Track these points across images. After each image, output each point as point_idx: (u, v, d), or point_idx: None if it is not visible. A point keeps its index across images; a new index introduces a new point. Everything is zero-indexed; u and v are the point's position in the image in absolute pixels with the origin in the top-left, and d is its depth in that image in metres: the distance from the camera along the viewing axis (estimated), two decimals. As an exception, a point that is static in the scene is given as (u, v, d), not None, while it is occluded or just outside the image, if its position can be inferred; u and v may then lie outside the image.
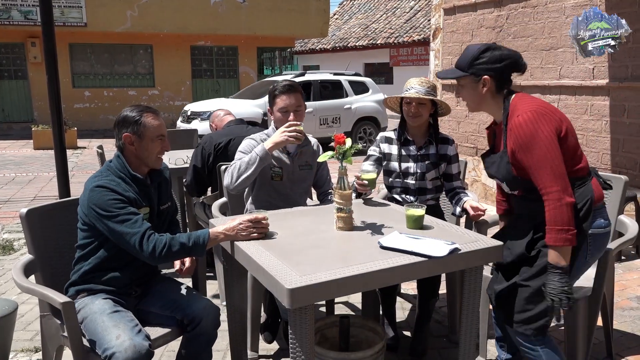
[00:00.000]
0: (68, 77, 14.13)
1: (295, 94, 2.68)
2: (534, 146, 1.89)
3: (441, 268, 1.93)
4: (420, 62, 18.83)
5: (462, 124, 6.33)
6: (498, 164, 2.10)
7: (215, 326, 2.19)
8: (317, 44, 23.80)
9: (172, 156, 4.14)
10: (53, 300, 1.95)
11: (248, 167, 2.52)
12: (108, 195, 2.02)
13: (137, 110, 2.15)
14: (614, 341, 2.88)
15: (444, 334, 3.04)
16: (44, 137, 10.70)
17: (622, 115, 4.55)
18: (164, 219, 2.32)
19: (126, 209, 2.02)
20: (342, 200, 2.14)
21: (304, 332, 1.66)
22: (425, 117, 2.79)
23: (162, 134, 2.17)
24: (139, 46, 14.99)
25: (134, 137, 2.13)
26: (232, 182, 2.56)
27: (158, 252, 1.99)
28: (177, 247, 2.01)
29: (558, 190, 1.87)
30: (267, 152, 2.50)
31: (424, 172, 2.82)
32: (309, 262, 1.79)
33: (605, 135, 4.71)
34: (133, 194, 2.10)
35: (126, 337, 1.89)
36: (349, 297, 3.48)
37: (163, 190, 2.32)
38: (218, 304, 3.17)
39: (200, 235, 2.05)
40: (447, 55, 6.52)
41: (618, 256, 4.21)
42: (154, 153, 2.17)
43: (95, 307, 2.03)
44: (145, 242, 1.99)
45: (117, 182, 2.08)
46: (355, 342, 2.42)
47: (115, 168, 2.13)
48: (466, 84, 2.10)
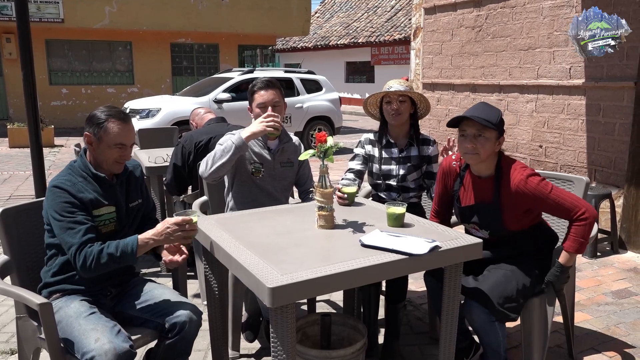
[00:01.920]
0: (45, 74, 13.86)
1: (274, 90, 2.71)
2: (548, 196, 2.21)
3: (422, 266, 1.95)
4: (401, 61, 18.95)
5: (443, 123, 6.38)
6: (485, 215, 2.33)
7: (197, 332, 2.16)
8: (298, 42, 23.77)
9: (152, 154, 4.10)
10: (30, 302, 1.91)
11: (223, 155, 2.50)
12: (60, 197, 2.00)
13: (106, 112, 2.10)
14: (579, 338, 2.95)
15: (425, 330, 3.07)
16: (20, 135, 10.48)
17: (597, 114, 4.64)
18: (135, 216, 2.27)
19: (73, 215, 1.98)
20: (323, 199, 2.14)
21: (286, 330, 1.66)
22: (406, 115, 2.85)
23: (122, 142, 2.10)
24: (118, 43, 14.79)
25: (94, 138, 2.10)
26: (206, 169, 2.54)
27: (88, 265, 1.95)
28: (106, 259, 1.96)
29: (586, 209, 2.20)
30: (244, 141, 2.49)
31: (405, 174, 2.88)
32: (290, 260, 1.79)
33: (581, 134, 4.80)
34: (92, 194, 2.06)
35: (105, 339, 1.85)
36: (331, 296, 3.48)
37: (132, 187, 2.26)
38: (199, 304, 3.16)
39: (129, 244, 1.99)
40: (427, 54, 6.57)
41: (593, 252, 4.30)
42: (110, 159, 2.11)
43: (71, 310, 2.00)
44: (78, 255, 1.95)
45: (74, 182, 2.05)
46: (337, 340, 2.43)
47: (78, 167, 2.11)
48: (491, 137, 2.24)
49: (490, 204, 2.30)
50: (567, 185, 2.71)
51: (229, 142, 2.51)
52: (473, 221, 2.39)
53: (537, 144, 5.23)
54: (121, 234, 2.15)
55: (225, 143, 2.54)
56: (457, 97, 6.18)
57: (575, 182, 2.69)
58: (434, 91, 6.49)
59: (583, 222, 2.19)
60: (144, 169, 3.84)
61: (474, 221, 2.38)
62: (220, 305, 2.33)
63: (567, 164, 4.94)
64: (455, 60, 6.17)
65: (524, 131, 5.34)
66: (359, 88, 21.79)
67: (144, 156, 4.13)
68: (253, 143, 2.74)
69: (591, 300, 3.50)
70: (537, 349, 2.37)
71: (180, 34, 15.18)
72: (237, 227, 2.20)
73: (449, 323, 2.13)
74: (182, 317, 2.08)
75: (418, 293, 3.59)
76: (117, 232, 2.15)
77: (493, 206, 2.30)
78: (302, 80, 10.71)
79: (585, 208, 2.20)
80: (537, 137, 5.23)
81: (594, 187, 4.57)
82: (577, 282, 3.77)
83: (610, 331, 3.05)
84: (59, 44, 14.19)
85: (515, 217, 2.29)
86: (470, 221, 2.40)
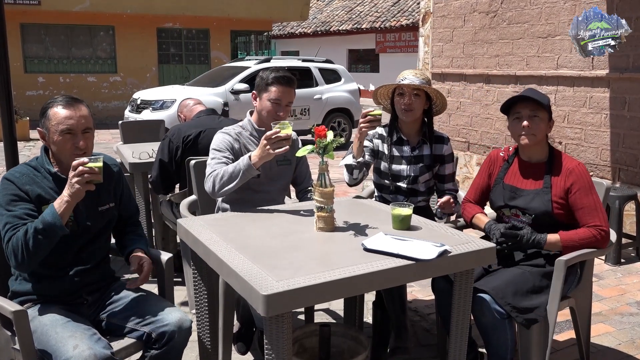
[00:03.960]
0: (19, 61, 13.86)
1: (291, 89, 2.69)
2: (592, 191, 2.41)
3: (429, 272, 1.95)
4: (409, 49, 18.95)
5: (454, 117, 6.39)
6: (532, 199, 2.45)
7: (186, 341, 2.16)
8: (296, 28, 23.75)
9: (136, 149, 4.10)
10: (3, 309, 1.92)
11: (231, 180, 2.47)
12: (6, 189, 2.01)
13: (51, 100, 2.09)
14: (600, 352, 2.96)
15: (434, 342, 3.07)
16: (-8, 128, 10.48)
17: (622, 108, 4.64)
18: (108, 222, 2.25)
19: (14, 209, 1.97)
20: (323, 199, 2.15)
21: (281, 342, 1.66)
22: (418, 112, 2.81)
23: (68, 128, 2.03)
24: (99, 27, 14.76)
25: (43, 131, 2.09)
26: (213, 191, 2.54)
27: (20, 252, 1.91)
28: (32, 236, 1.90)
29: (606, 231, 2.38)
30: (252, 167, 2.43)
31: (417, 175, 2.85)
32: (286, 265, 1.79)
33: (604, 130, 4.80)
34: (41, 190, 2.05)
35: (85, 346, 1.86)
36: (330, 304, 3.49)
37: (103, 189, 2.19)
38: (186, 312, 3.16)
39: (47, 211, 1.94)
40: (437, 42, 6.57)
41: (617, 259, 4.30)
42: (65, 151, 2.06)
43: (46, 318, 2.00)
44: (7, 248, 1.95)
45: (23, 174, 2.05)
46: (337, 352, 2.43)
47: (37, 161, 2.12)
48: (544, 117, 2.45)
49: (541, 189, 2.45)
50: None
51: (237, 167, 2.46)
52: (516, 205, 2.49)
53: (557, 140, 5.23)
54: (84, 237, 2.15)
55: (232, 166, 2.49)
56: (470, 88, 6.18)
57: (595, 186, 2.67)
58: (444, 82, 6.49)
59: (594, 232, 2.35)
60: (127, 165, 3.84)
61: (517, 205, 2.49)
62: (209, 314, 2.34)
63: (589, 162, 4.95)
64: (467, 48, 6.17)
65: (542, 126, 5.34)
66: (363, 78, 21.77)
67: (127, 151, 4.13)
68: (248, 141, 2.73)
69: (614, 310, 3.51)
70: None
71: (167, 18, 15.15)
72: (228, 229, 2.20)
73: (459, 336, 2.14)
74: (171, 326, 2.07)
75: (425, 302, 3.60)
76: (75, 232, 2.11)
77: (543, 190, 2.44)
78: (320, 70, 10.81)
79: (606, 226, 2.38)
80: (556, 132, 5.23)
81: (618, 187, 4.58)
82: (599, 290, 3.78)
83: (635, 345, 3.06)
84: (35, 29, 14.17)
85: (561, 204, 2.43)
86: (512, 206, 2.51)
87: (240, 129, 2.75)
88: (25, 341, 1.89)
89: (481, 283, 2.33)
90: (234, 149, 2.68)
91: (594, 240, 2.36)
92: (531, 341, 2.37)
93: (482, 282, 2.34)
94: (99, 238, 2.23)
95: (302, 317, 3.18)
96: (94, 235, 2.19)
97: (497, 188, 2.59)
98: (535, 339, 2.36)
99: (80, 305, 2.17)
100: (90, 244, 2.19)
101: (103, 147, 9.04)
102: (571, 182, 2.42)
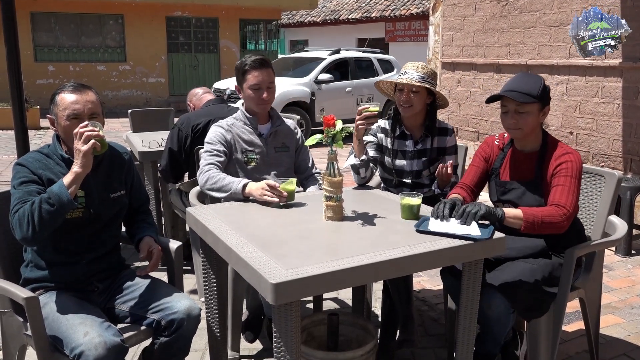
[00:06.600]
0: (30, 50, 13.90)
1: (267, 70, 2.71)
2: (574, 177, 2.29)
3: (439, 262, 1.96)
4: (419, 38, 18.79)
5: (464, 106, 6.35)
6: (524, 194, 2.38)
7: (195, 329, 2.18)
8: (305, 17, 23.62)
9: (146, 138, 4.11)
10: (15, 296, 1.94)
11: (220, 191, 2.52)
12: (20, 173, 2.03)
13: (62, 86, 2.11)
14: (609, 343, 2.95)
15: (441, 332, 3.08)
16: (4, 116, 10.54)
17: (635, 98, 4.59)
18: (119, 209, 2.27)
19: (29, 187, 1.99)
20: (331, 188, 2.15)
21: (289, 330, 1.67)
22: (417, 108, 2.78)
23: (74, 112, 2.05)
24: (109, 16, 14.76)
25: (53, 117, 2.12)
26: (202, 187, 2.61)
27: (26, 224, 1.91)
28: (37, 207, 1.89)
29: (570, 214, 2.23)
30: (241, 194, 2.45)
31: (420, 170, 2.84)
32: (295, 254, 1.80)
33: (617, 120, 4.76)
34: (53, 175, 2.06)
35: (95, 333, 1.88)
36: (339, 293, 3.50)
37: (115, 176, 2.24)
38: (195, 300, 3.18)
39: (55, 185, 1.94)
40: (447, 31, 6.51)
41: (627, 250, 4.28)
42: (72, 135, 2.04)
43: (57, 305, 2.03)
44: (12, 219, 1.95)
45: (36, 159, 2.07)
46: (345, 341, 2.44)
47: (48, 147, 2.15)
48: (533, 110, 2.33)
49: (531, 180, 2.39)
50: (598, 180, 2.64)
51: (229, 185, 2.48)
52: (509, 199, 2.43)
53: (568, 130, 5.19)
54: (96, 224, 2.17)
55: (227, 180, 2.51)
56: (480, 78, 6.13)
57: (606, 177, 2.61)
58: (454, 71, 6.44)
59: (557, 210, 2.21)
60: (137, 153, 3.86)
61: (509, 199, 2.43)
62: (218, 303, 2.35)
63: (600, 152, 4.91)
64: (478, 37, 6.11)
65: (553, 116, 5.29)
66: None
67: (137, 140, 4.14)
68: (242, 130, 2.77)
69: (624, 302, 3.49)
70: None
71: (177, 7, 15.13)
72: (237, 218, 2.21)
73: (467, 326, 2.13)
74: (180, 313, 2.09)
75: (434, 292, 3.60)
76: (86, 219, 2.13)
77: (534, 182, 2.38)
78: (379, 61, 11.43)
79: (572, 209, 2.24)
80: (567, 122, 5.19)
81: (629, 178, 4.54)
82: (609, 282, 3.76)
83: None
84: (45, 17, 14.19)
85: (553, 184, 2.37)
86: (505, 200, 2.45)
87: (233, 120, 2.81)
88: (37, 327, 1.92)
89: (490, 277, 2.30)
90: (226, 140, 2.73)
91: (554, 219, 2.20)
92: (540, 331, 2.36)
93: (491, 275, 2.31)
94: (110, 226, 2.25)
95: (311, 305, 3.19)
96: (105, 223, 2.21)
97: (492, 184, 2.54)
98: (544, 329, 2.36)
99: (91, 293, 2.19)
100: (102, 231, 2.21)
101: (113, 135, 9.07)
102: (557, 165, 2.33)
